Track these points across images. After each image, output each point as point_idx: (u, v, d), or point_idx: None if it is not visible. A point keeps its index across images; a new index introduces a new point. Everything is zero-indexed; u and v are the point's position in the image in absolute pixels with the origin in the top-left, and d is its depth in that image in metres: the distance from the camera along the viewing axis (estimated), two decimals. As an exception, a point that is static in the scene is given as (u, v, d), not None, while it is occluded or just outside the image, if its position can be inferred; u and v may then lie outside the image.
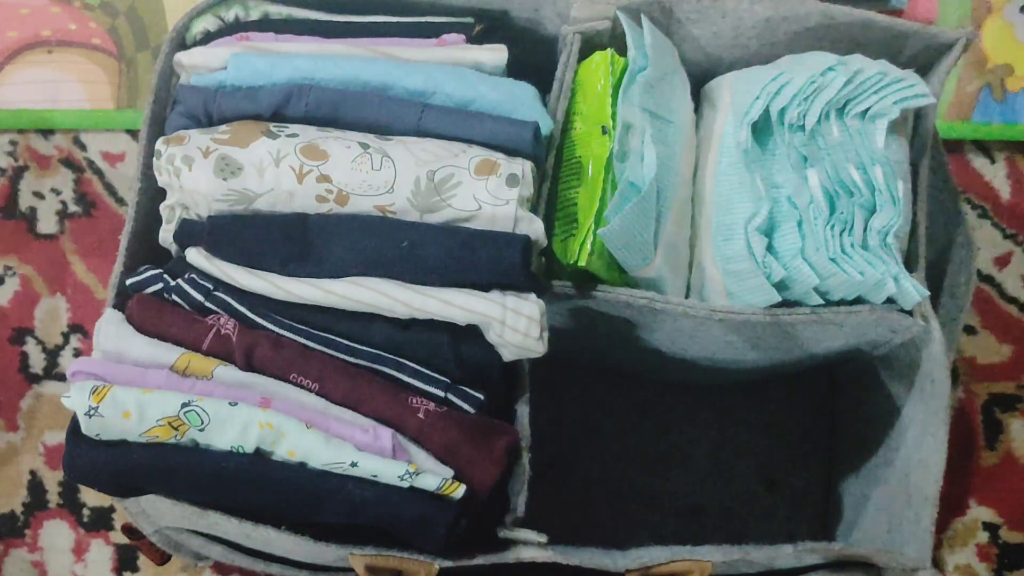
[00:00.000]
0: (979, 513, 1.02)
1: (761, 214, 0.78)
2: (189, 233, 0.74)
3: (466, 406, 0.72)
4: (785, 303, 0.79)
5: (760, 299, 0.78)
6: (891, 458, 0.85)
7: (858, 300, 0.80)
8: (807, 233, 0.78)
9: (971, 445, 1.03)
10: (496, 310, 0.71)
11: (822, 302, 0.79)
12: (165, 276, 0.74)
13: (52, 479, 1.00)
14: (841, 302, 0.80)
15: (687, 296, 0.83)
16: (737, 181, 0.79)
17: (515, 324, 0.72)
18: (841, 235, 0.78)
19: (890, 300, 0.79)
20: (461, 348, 0.72)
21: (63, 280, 1.04)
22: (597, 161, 0.79)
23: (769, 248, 0.78)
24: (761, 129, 0.80)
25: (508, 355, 0.74)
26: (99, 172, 1.06)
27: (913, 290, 0.78)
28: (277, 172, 0.72)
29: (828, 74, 0.78)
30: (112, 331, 0.71)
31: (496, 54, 0.80)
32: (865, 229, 0.78)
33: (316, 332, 0.72)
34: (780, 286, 0.78)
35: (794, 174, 0.78)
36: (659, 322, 0.82)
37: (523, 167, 0.73)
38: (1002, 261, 1.07)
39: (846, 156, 0.78)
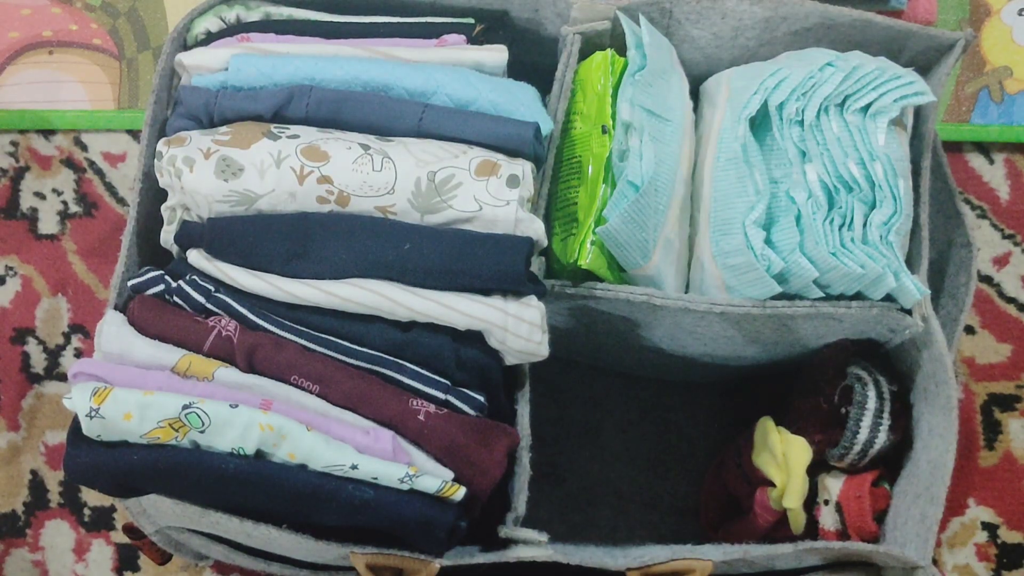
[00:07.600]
0: (978, 513, 1.02)
1: (759, 208, 0.78)
2: (190, 235, 0.74)
3: (466, 408, 0.72)
4: (785, 296, 0.79)
5: (759, 291, 0.78)
6: (898, 458, 0.85)
7: (858, 296, 0.80)
8: (806, 228, 0.77)
9: (970, 445, 1.03)
10: (497, 316, 0.71)
11: (822, 295, 0.79)
12: (167, 277, 0.74)
13: (53, 479, 1.00)
14: (841, 297, 0.80)
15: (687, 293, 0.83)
16: (735, 176, 0.79)
17: (517, 330, 0.72)
18: (840, 230, 0.78)
19: (890, 299, 0.79)
20: (461, 350, 0.72)
21: (64, 280, 1.04)
22: (597, 161, 0.79)
23: (768, 242, 0.78)
24: (760, 124, 0.80)
25: (511, 360, 0.74)
26: (100, 172, 1.06)
27: (913, 287, 0.77)
28: (278, 173, 0.72)
29: (826, 69, 0.79)
30: (113, 332, 0.71)
31: (496, 54, 0.80)
32: (865, 224, 0.78)
33: (317, 334, 0.72)
34: (779, 279, 0.78)
35: (792, 169, 0.78)
36: (659, 319, 0.82)
37: (523, 168, 0.73)
38: (1001, 261, 1.07)
39: (845, 151, 0.78)
